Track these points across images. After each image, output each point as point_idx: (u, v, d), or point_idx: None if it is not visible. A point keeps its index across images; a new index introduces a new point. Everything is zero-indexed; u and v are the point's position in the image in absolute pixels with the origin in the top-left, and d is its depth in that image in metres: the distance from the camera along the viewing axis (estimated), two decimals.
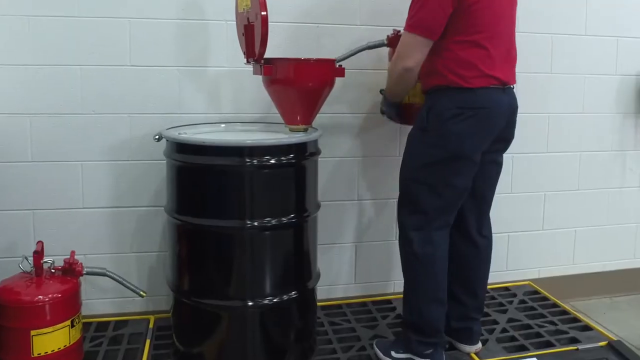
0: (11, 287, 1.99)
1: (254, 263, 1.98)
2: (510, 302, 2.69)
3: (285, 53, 2.29)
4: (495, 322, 2.49)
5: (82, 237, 2.35)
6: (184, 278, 2.05)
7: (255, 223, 1.93)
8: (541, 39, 2.72)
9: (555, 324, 2.48)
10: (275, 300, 2.00)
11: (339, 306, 2.63)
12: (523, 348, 2.28)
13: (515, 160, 2.78)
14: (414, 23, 1.84)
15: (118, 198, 2.39)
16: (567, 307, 2.66)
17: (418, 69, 1.90)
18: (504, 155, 2.14)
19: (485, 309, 2.58)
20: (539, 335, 2.38)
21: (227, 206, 1.93)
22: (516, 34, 2.57)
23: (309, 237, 2.09)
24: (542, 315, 2.57)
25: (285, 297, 2.01)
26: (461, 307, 2.15)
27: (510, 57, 1.98)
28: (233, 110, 2.41)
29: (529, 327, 2.46)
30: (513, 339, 2.36)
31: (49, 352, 1.97)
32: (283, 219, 1.97)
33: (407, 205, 2.01)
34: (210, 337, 2.02)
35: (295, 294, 2.03)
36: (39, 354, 1.95)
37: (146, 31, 2.29)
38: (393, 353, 2.08)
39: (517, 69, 2.65)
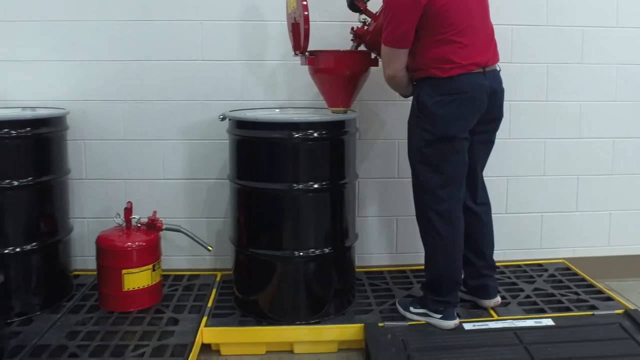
0: (108, 236, 2.51)
1: (299, 220, 2.37)
2: (540, 276, 2.88)
3: (334, 47, 2.63)
4: (521, 290, 2.70)
5: (163, 203, 2.82)
6: (243, 233, 2.46)
7: (301, 186, 2.32)
8: (572, 31, 2.91)
9: (578, 294, 2.65)
10: (317, 252, 2.37)
11: (381, 272, 2.95)
12: (542, 311, 2.48)
13: (547, 145, 2.99)
14: (386, 37, 2.15)
15: (192, 171, 2.87)
16: (594, 282, 2.80)
17: (402, 73, 2.20)
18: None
19: (514, 280, 2.83)
20: (560, 302, 2.57)
21: (277, 172, 2.32)
22: (546, 27, 2.83)
23: (347, 201, 2.45)
24: (568, 287, 2.74)
25: (326, 250, 2.38)
26: (473, 268, 2.43)
27: (487, 41, 2.22)
28: (287, 98, 2.82)
29: (552, 295, 2.65)
30: (534, 303, 2.56)
31: (136, 288, 2.46)
32: (323, 183, 2.35)
33: (420, 186, 2.28)
34: (264, 285, 2.42)
35: (334, 248, 2.41)
36: (128, 289, 2.44)
37: (215, 31, 2.76)
38: (411, 308, 2.39)
39: (547, 60, 2.92)
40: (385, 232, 3.01)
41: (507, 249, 3.05)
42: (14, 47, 2.74)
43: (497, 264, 2.91)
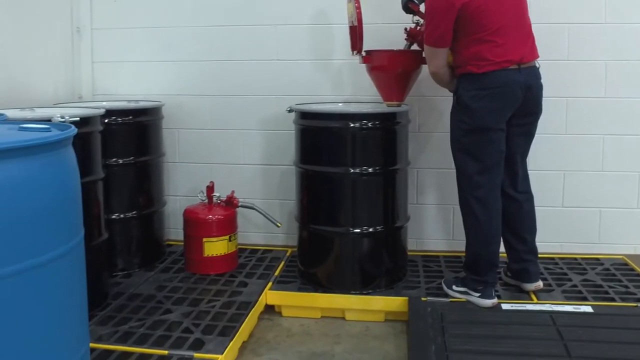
0: (193, 209, 2.96)
1: (355, 200, 2.66)
2: (593, 269, 2.92)
3: (393, 46, 2.86)
4: (569, 280, 2.78)
5: (242, 185, 3.22)
6: (306, 212, 2.79)
7: (357, 170, 2.62)
8: (632, 28, 2.93)
9: (627, 287, 2.68)
10: (370, 229, 2.65)
11: (436, 256, 3.15)
12: (584, 300, 2.54)
13: (606, 141, 3.04)
14: (426, 37, 2.40)
15: (267, 157, 3.26)
16: None
17: (443, 69, 2.43)
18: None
19: (566, 270, 2.90)
20: (606, 293, 2.62)
21: (336, 157, 2.64)
22: (604, 25, 2.89)
23: (398, 185, 2.72)
24: (619, 281, 2.76)
25: (378, 228, 2.67)
26: (515, 252, 2.59)
27: (523, 38, 2.37)
28: (352, 93, 3.12)
29: (599, 286, 2.70)
30: (579, 292, 2.63)
31: (214, 255, 2.88)
32: (376, 168, 2.63)
33: (460, 173, 2.49)
34: (322, 258, 2.74)
35: (386, 227, 2.69)
36: (207, 255, 2.87)
37: (288, 34, 3.13)
38: (454, 286, 2.60)
39: (606, 57, 2.97)
40: (442, 219, 3.21)
41: (564, 241, 3.14)
42: (123, 51, 3.29)
43: (553, 256, 3.07)
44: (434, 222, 3.22)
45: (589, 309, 2.45)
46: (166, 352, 2.06)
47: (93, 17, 3.26)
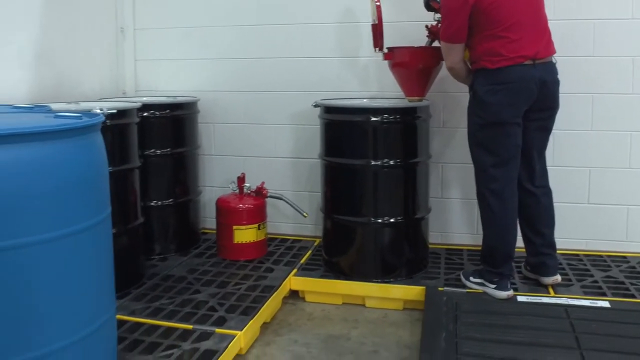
0: (225, 199, 3.13)
1: (376, 191, 2.77)
2: (618, 266, 2.91)
3: (416, 43, 2.95)
4: (591, 276, 2.78)
5: (273, 177, 3.38)
6: (329, 202, 2.91)
7: (378, 162, 2.72)
8: None
9: None
10: (391, 220, 2.76)
11: (460, 250, 3.21)
12: (603, 295, 2.55)
13: (633, 138, 3.01)
14: (442, 33, 2.48)
15: (297, 151, 3.41)
16: None
17: (460, 65, 2.49)
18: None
19: (589, 267, 2.90)
20: (626, 289, 2.61)
21: (358, 150, 2.75)
22: (631, 21, 2.89)
23: (419, 178, 2.81)
24: None
25: (399, 218, 2.77)
26: (532, 245, 2.63)
27: (538, 34, 2.40)
28: (378, 89, 3.22)
29: (621, 283, 2.69)
30: (598, 288, 2.63)
31: (243, 242, 3.05)
32: (397, 160, 2.73)
33: (477, 167, 2.55)
34: (345, 246, 2.86)
35: (406, 218, 2.78)
36: (237, 242, 3.04)
37: (316, 32, 3.27)
38: (471, 278, 2.66)
39: (634, 53, 2.98)
40: (467, 213, 3.27)
41: (589, 238, 3.14)
42: (162, 49, 3.52)
43: (578, 252, 3.08)
44: (458, 216, 3.28)
45: (605, 304, 2.45)
46: (191, 326, 2.24)
47: (135, 18, 3.50)
